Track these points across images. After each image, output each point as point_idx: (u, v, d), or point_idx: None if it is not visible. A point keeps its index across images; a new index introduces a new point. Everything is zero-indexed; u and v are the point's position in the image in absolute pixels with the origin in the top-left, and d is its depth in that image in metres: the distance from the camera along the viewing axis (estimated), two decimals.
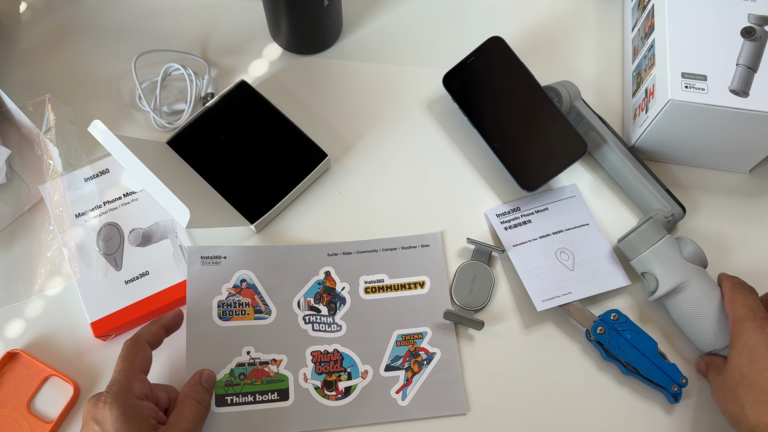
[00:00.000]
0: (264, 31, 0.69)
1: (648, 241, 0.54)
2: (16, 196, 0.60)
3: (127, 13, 0.70)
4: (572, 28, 0.70)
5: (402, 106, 0.65)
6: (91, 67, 0.67)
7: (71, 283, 0.57)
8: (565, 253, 0.57)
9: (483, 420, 0.53)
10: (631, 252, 0.56)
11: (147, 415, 0.44)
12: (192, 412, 0.46)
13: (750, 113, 0.53)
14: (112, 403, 0.43)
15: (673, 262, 0.53)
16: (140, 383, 0.45)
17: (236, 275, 0.56)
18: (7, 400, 0.53)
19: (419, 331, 0.56)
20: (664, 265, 0.53)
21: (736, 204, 0.61)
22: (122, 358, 0.46)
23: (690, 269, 0.53)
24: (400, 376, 0.54)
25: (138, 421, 0.43)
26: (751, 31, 0.57)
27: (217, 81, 0.66)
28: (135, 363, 0.46)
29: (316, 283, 0.57)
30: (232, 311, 0.55)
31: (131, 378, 0.45)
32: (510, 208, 0.60)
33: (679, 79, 0.55)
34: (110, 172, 0.59)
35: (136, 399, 0.44)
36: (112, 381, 0.45)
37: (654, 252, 0.54)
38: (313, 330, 0.55)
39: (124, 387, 0.44)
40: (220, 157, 0.60)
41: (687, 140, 0.59)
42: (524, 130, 0.59)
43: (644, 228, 0.54)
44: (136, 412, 0.43)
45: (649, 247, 0.54)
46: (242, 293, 0.56)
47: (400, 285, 0.57)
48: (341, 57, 0.68)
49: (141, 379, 0.46)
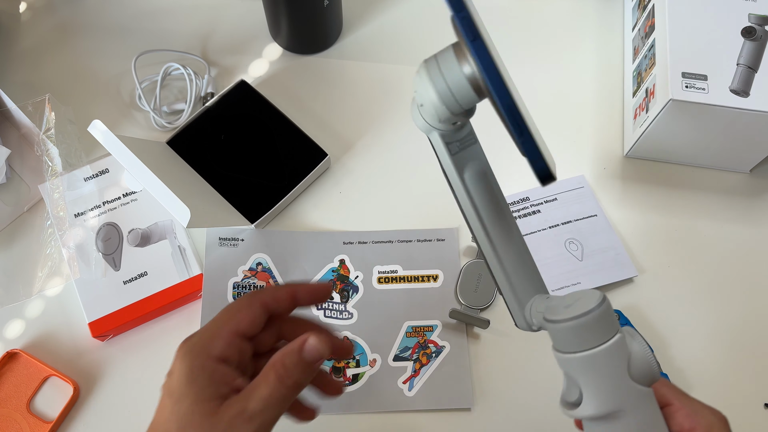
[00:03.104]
0: (264, 30, 0.69)
1: (584, 340, 0.32)
2: (16, 195, 0.60)
3: (127, 12, 0.70)
4: (572, 27, 0.70)
5: (402, 105, 0.65)
6: (91, 66, 0.67)
7: (70, 283, 0.57)
8: (574, 243, 0.58)
9: (488, 415, 0.53)
10: (555, 338, 0.34)
11: (218, 380, 0.35)
12: (267, 389, 0.35)
13: (750, 113, 0.53)
14: (183, 356, 0.36)
15: (612, 380, 0.33)
16: (225, 344, 0.36)
17: (253, 258, 0.57)
18: (7, 400, 0.53)
19: (429, 324, 0.56)
20: (597, 381, 0.33)
21: (737, 204, 0.61)
22: (221, 311, 0.38)
23: (633, 393, 0.33)
24: (408, 366, 0.54)
25: (203, 384, 0.35)
26: (751, 31, 0.56)
27: (217, 81, 0.66)
28: (230, 320, 0.37)
29: (330, 270, 0.57)
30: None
31: (216, 335, 0.37)
32: (519, 197, 0.61)
33: (680, 78, 0.54)
34: (110, 172, 0.59)
35: (210, 359, 0.36)
36: (196, 332, 0.37)
37: (589, 360, 0.32)
38: (325, 316, 0.56)
39: (201, 342, 0.36)
40: (220, 157, 0.60)
41: (687, 140, 0.59)
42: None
43: (587, 320, 0.32)
44: (205, 373, 0.35)
45: (583, 350, 0.32)
46: (257, 276, 0.56)
47: (413, 277, 0.58)
48: (341, 57, 0.68)
49: (228, 340, 0.36)
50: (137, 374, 0.54)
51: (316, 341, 0.36)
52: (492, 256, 0.36)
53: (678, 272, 0.59)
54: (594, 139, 0.65)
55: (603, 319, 0.31)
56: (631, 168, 0.63)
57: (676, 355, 0.56)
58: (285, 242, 0.58)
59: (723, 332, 0.56)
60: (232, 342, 0.37)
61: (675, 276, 0.58)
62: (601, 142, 0.64)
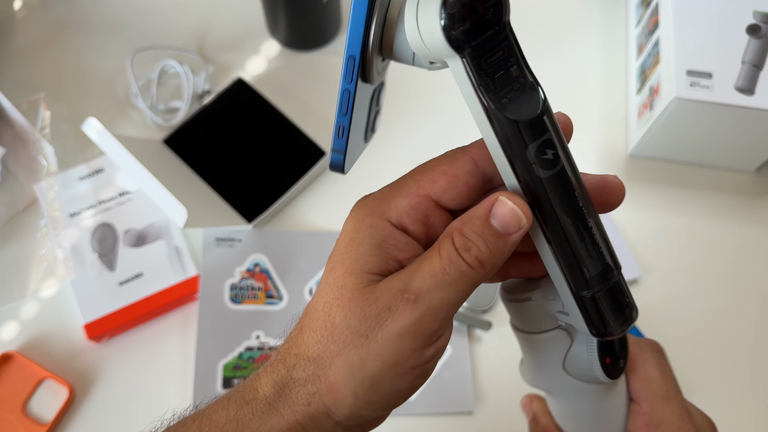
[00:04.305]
0: (261, 27, 0.68)
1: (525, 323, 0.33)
2: (11, 195, 0.59)
3: (123, 10, 0.69)
4: (575, 24, 0.69)
5: (402, 103, 0.65)
6: (86, 64, 0.66)
7: (66, 284, 0.56)
8: None
9: (489, 419, 0.53)
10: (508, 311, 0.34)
11: (388, 249, 0.26)
12: (439, 263, 0.25)
13: (755, 111, 0.53)
14: (352, 214, 0.28)
15: (544, 365, 0.33)
16: (409, 206, 0.27)
17: (250, 258, 0.56)
18: (2, 403, 0.52)
19: None
20: (532, 360, 0.34)
21: (742, 203, 0.61)
22: (418, 167, 0.28)
23: (564, 383, 0.33)
24: None
25: (365, 251, 0.26)
26: (756, 29, 0.56)
27: (214, 78, 0.66)
28: (423, 175, 0.27)
29: None
30: (244, 295, 0.55)
31: (400, 192, 0.27)
32: None
33: (685, 76, 0.54)
34: (105, 171, 0.58)
35: (382, 220, 0.27)
36: (379, 190, 0.29)
37: (526, 341, 0.33)
38: None
39: (380, 198, 0.28)
40: (217, 156, 0.59)
41: (692, 139, 0.58)
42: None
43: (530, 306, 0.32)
44: (372, 237, 0.27)
45: (524, 331, 0.33)
46: (255, 277, 0.56)
47: None
48: (340, 53, 0.67)
49: (415, 202, 0.27)
50: (133, 376, 0.53)
51: (511, 202, 0.25)
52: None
53: (682, 272, 0.58)
54: (597, 137, 0.64)
55: (543, 310, 0.31)
56: (636, 167, 0.62)
57: (680, 355, 0.55)
58: (283, 242, 0.58)
59: (728, 333, 0.56)
60: (419, 206, 0.27)
61: (679, 276, 0.58)
62: (605, 140, 0.64)
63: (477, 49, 0.24)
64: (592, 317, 0.27)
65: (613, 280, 0.27)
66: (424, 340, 0.25)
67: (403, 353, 0.25)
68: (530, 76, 0.25)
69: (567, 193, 0.25)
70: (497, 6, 0.24)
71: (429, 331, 0.25)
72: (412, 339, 0.25)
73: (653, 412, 0.31)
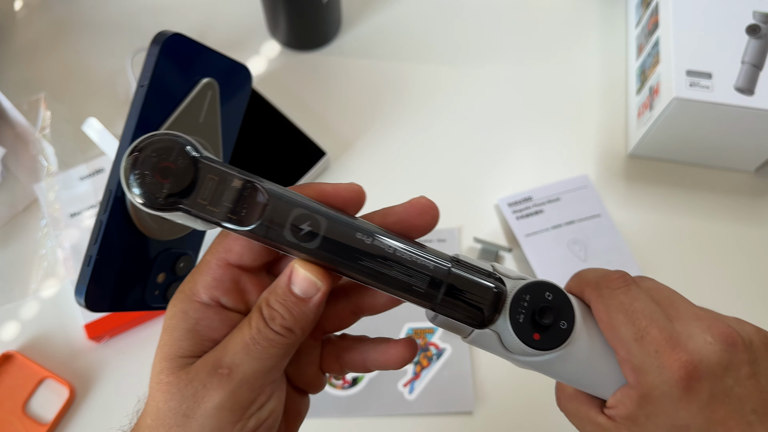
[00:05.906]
0: (262, 27, 0.68)
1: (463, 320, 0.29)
2: (11, 195, 0.59)
3: (123, 9, 0.69)
4: (575, 24, 0.69)
5: (402, 103, 0.65)
6: (86, 64, 0.66)
7: (66, 284, 0.56)
8: (577, 244, 0.57)
9: (489, 419, 0.53)
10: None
11: (198, 330, 0.27)
12: (249, 334, 0.26)
13: (755, 111, 0.53)
14: (171, 299, 0.28)
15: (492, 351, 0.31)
16: (213, 280, 0.27)
17: None
18: (2, 403, 0.52)
19: (430, 326, 0.55)
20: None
21: (742, 204, 0.61)
22: (215, 239, 0.28)
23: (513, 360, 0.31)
24: (408, 369, 0.54)
25: (178, 335, 0.27)
26: (756, 29, 0.56)
27: None
28: (217, 245, 0.28)
29: None
30: None
31: (203, 271, 0.27)
32: (522, 197, 0.60)
33: (684, 76, 0.54)
34: (105, 171, 0.58)
35: (193, 303, 0.27)
36: (189, 274, 0.29)
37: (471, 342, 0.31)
38: None
39: (188, 283, 0.28)
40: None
41: (691, 139, 0.58)
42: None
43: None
44: (185, 322, 0.27)
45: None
46: None
47: None
48: (340, 54, 0.67)
49: (217, 274, 0.27)
50: (133, 376, 0.53)
51: (303, 270, 0.26)
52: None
53: (682, 273, 0.58)
54: (597, 137, 0.64)
55: (447, 322, 0.30)
56: (635, 167, 0.62)
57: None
58: None
59: None
60: (224, 276, 0.27)
61: (679, 276, 0.58)
62: (605, 140, 0.64)
63: (188, 197, 0.25)
64: (460, 316, 0.27)
65: (450, 276, 0.28)
66: (242, 411, 0.26)
67: (223, 428, 0.26)
68: (241, 177, 0.28)
69: (349, 242, 0.26)
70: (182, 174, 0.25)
71: (246, 402, 0.26)
72: (229, 412, 0.26)
73: (632, 358, 0.28)
